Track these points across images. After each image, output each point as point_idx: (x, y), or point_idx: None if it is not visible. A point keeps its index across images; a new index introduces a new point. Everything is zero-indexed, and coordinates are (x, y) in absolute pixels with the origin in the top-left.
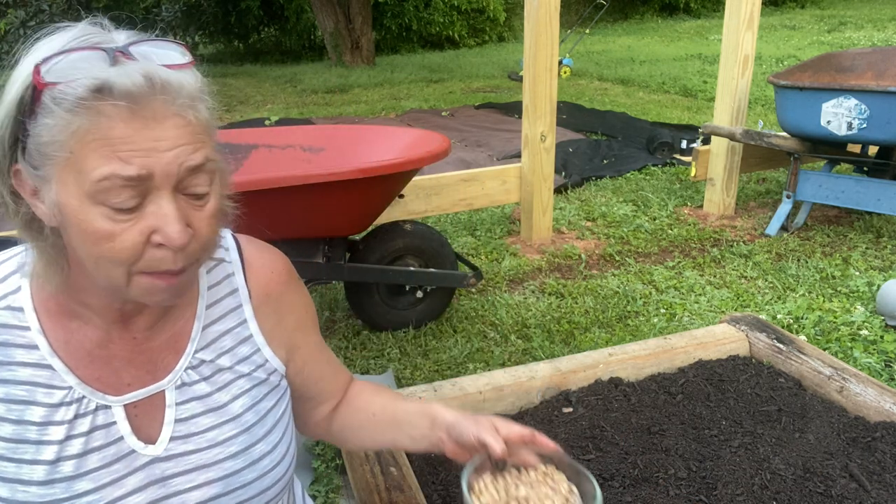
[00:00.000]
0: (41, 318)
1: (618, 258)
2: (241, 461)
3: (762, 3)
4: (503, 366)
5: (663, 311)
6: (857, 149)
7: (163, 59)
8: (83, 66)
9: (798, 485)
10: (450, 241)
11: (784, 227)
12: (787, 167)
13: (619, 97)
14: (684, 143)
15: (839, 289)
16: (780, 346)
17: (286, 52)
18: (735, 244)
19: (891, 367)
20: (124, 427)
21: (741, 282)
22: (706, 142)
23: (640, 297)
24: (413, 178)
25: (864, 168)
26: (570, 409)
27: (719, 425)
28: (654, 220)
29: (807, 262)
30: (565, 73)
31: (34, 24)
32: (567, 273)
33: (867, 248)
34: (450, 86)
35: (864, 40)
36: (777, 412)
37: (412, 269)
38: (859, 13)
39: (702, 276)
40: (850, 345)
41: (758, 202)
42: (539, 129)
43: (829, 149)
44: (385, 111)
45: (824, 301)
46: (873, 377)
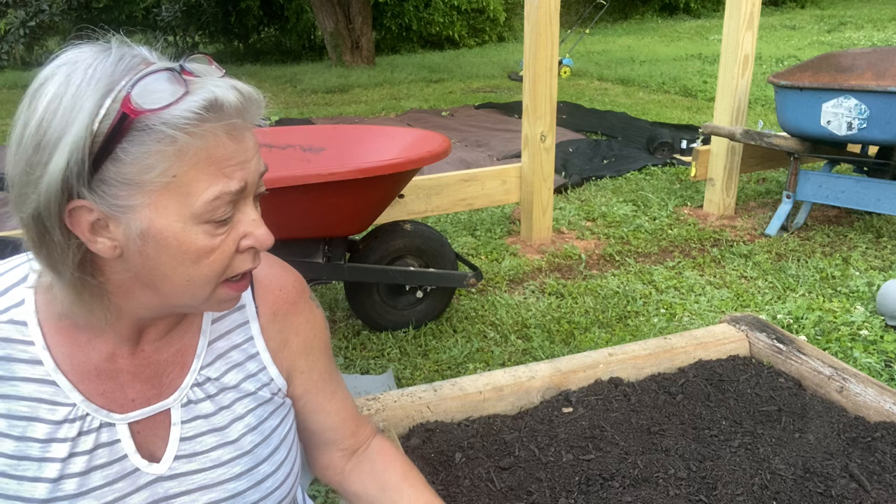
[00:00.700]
0: (46, 332)
1: (618, 258)
2: (244, 482)
3: (762, 3)
4: (503, 366)
5: (663, 311)
6: (857, 149)
7: (210, 70)
8: (166, 87)
9: (798, 485)
10: (450, 241)
11: (784, 227)
12: (787, 167)
13: (619, 97)
14: (684, 143)
15: (839, 289)
16: (780, 346)
17: (286, 52)
18: (735, 244)
19: (891, 367)
20: (128, 445)
21: (741, 282)
22: (706, 142)
23: (640, 297)
24: (413, 178)
25: (864, 168)
26: (570, 409)
27: (719, 425)
28: (654, 220)
29: (807, 262)
30: (565, 73)
31: (34, 24)
32: (567, 273)
33: (867, 248)
34: (450, 86)
35: (864, 40)
36: (777, 412)
37: (412, 269)
38: (859, 13)
39: (702, 276)
40: (850, 345)
41: (758, 202)
42: (539, 129)
43: (829, 149)
44: (385, 111)
45: (824, 301)
46: (873, 377)
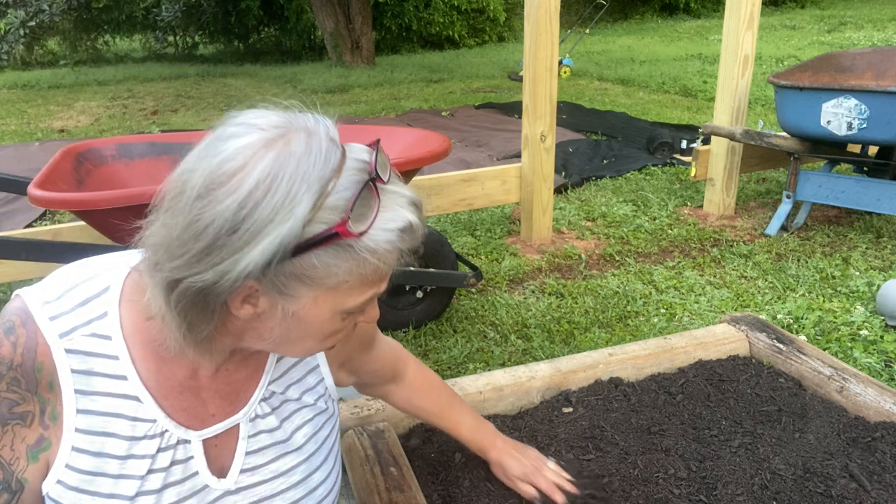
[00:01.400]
0: (131, 346)
1: (618, 258)
2: (301, 490)
3: (762, 3)
4: (503, 366)
5: (663, 311)
6: (857, 149)
7: (385, 164)
8: (367, 203)
9: (798, 485)
10: (450, 241)
11: (784, 227)
12: (787, 167)
13: (619, 97)
14: (684, 143)
15: (839, 289)
16: (780, 346)
17: (286, 52)
18: (735, 244)
19: (891, 367)
20: (200, 462)
21: (741, 282)
22: (706, 142)
23: (640, 297)
24: (413, 178)
25: (864, 168)
26: (570, 409)
27: (719, 425)
28: (654, 220)
29: (807, 262)
30: (565, 73)
31: (34, 24)
32: (567, 273)
33: (867, 248)
34: (450, 86)
35: (864, 40)
36: (777, 412)
37: (412, 269)
38: (859, 13)
39: (702, 276)
40: (850, 345)
41: (758, 202)
42: (539, 129)
43: (829, 149)
44: (385, 111)
45: (824, 301)
46: (873, 377)
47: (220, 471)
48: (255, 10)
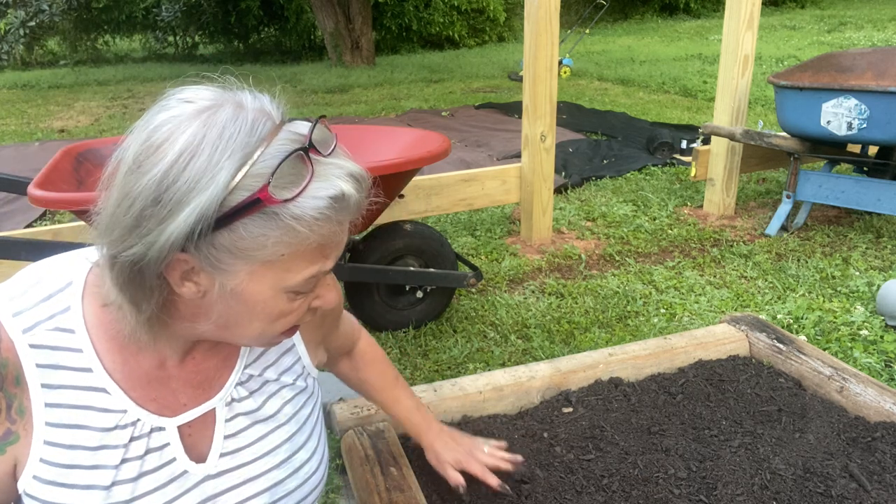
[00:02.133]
0: (95, 339)
1: (618, 258)
2: (284, 470)
3: (762, 3)
4: (503, 366)
5: (663, 311)
6: (857, 149)
7: (328, 139)
8: (295, 170)
9: (798, 485)
10: (450, 241)
11: (784, 227)
12: (787, 167)
13: (619, 97)
14: (684, 143)
15: (839, 289)
16: (780, 346)
17: (286, 52)
18: (735, 244)
19: (891, 367)
20: (177, 448)
21: (741, 282)
22: (706, 142)
23: (640, 297)
24: (413, 178)
25: (864, 168)
26: (570, 409)
27: (719, 425)
28: (654, 220)
29: (807, 262)
30: (565, 73)
31: (34, 24)
32: (567, 273)
33: (867, 248)
34: (450, 86)
35: (864, 40)
36: (777, 412)
37: (412, 269)
38: (859, 13)
39: (702, 276)
40: (850, 345)
41: (758, 202)
42: (539, 129)
43: (829, 149)
44: (385, 111)
45: (824, 301)
46: (873, 377)
47: (199, 456)
48: (255, 10)
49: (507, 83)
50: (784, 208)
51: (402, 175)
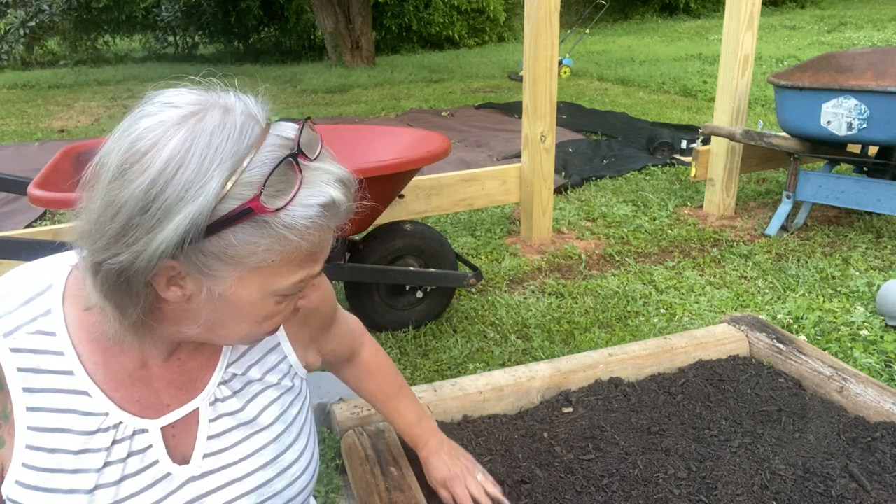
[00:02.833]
0: (76, 342)
1: (618, 258)
2: (271, 471)
3: (762, 3)
4: (503, 366)
5: (663, 311)
6: (857, 149)
7: (314, 142)
8: (285, 178)
9: (798, 485)
10: (450, 241)
11: (784, 228)
12: (787, 167)
13: (619, 97)
14: (684, 143)
15: (839, 289)
16: (780, 346)
17: (286, 52)
18: (735, 244)
19: (891, 367)
20: (160, 450)
21: (741, 282)
22: (706, 142)
23: (640, 297)
24: (413, 178)
25: (864, 168)
26: (570, 409)
27: (719, 425)
28: (654, 220)
29: (807, 262)
30: (565, 73)
31: (34, 24)
32: (567, 273)
33: (867, 248)
34: (450, 86)
35: (864, 40)
36: (777, 412)
37: (412, 269)
38: (859, 13)
39: (702, 276)
40: (850, 345)
41: (758, 202)
42: (539, 129)
43: (829, 149)
44: (385, 111)
45: (824, 301)
46: (873, 377)
47: (183, 457)
48: (255, 10)
49: (507, 83)
50: (784, 208)
51: (403, 175)
